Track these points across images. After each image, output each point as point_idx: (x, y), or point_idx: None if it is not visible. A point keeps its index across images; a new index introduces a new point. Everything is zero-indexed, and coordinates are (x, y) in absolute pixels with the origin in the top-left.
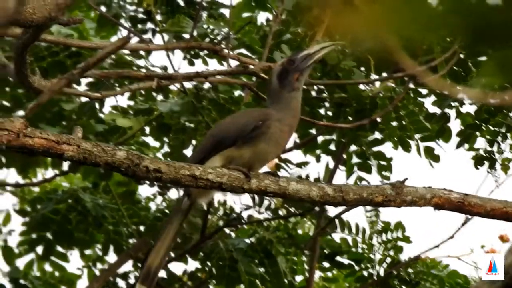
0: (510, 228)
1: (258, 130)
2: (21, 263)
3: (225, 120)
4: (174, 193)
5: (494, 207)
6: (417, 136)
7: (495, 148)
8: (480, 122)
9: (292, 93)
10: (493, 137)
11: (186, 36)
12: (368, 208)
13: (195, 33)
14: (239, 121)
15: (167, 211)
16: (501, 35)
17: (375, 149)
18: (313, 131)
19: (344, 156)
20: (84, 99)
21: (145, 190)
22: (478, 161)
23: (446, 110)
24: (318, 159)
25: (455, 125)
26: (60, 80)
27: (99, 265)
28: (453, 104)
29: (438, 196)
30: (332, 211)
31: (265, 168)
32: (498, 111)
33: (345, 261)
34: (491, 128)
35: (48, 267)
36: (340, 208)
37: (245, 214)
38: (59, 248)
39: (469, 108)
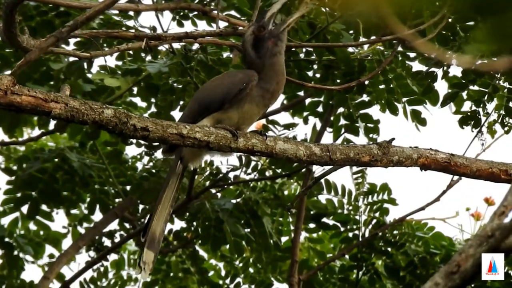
0: (496, 191)
1: (243, 93)
2: (5, 221)
3: (209, 83)
4: (160, 153)
5: (480, 167)
6: (404, 99)
7: (480, 109)
8: (467, 82)
9: (273, 59)
10: (479, 97)
11: None
12: (355, 169)
13: None
14: (224, 84)
15: (153, 171)
16: (491, 2)
17: (362, 111)
18: (301, 93)
19: (332, 118)
20: (72, 59)
21: (132, 150)
22: (464, 120)
23: (433, 69)
24: (305, 121)
25: (442, 89)
26: (48, 38)
27: (85, 224)
28: (439, 64)
29: (425, 156)
30: (319, 172)
31: (252, 129)
32: (484, 72)
33: (331, 222)
34: (477, 88)
35: (32, 226)
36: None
37: (231, 175)
38: (44, 207)
39: (456, 70)
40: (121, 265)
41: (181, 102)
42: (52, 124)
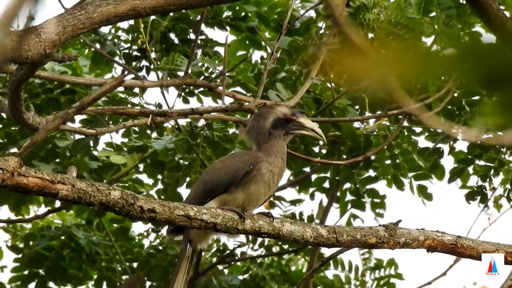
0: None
1: (250, 175)
2: None
3: (215, 165)
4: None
5: (486, 249)
6: (410, 174)
7: (487, 184)
8: (473, 157)
9: (280, 141)
10: (485, 172)
11: (181, 74)
12: None
13: (189, 71)
14: (230, 167)
15: (160, 247)
16: (496, 75)
17: (368, 186)
18: (307, 169)
19: (338, 193)
20: (78, 136)
21: (138, 227)
22: (470, 196)
23: (439, 145)
24: (312, 196)
25: (448, 163)
26: (55, 119)
27: None
28: (446, 139)
29: (431, 238)
30: (326, 249)
31: (260, 208)
32: (491, 146)
33: None
34: (483, 163)
35: None
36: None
37: (238, 251)
38: (51, 285)
39: (462, 145)
40: None
41: (188, 179)
42: (58, 202)
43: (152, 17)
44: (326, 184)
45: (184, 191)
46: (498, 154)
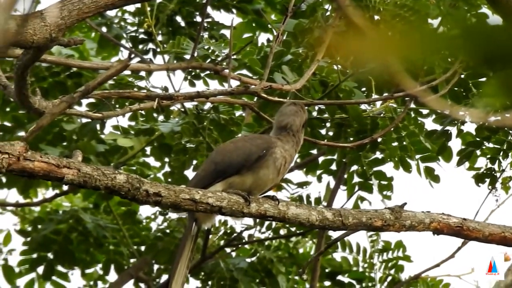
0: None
1: (262, 159)
2: (22, 282)
3: (227, 147)
4: (174, 213)
5: (492, 231)
6: (417, 156)
7: (496, 166)
8: (481, 140)
9: (301, 135)
10: (494, 155)
11: (187, 57)
12: None
13: (196, 54)
14: (243, 150)
15: (167, 230)
16: (502, 56)
17: (376, 168)
18: (314, 152)
19: (345, 176)
20: (85, 120)
21: (146, 210)
22: (479, 178)
23: (447, 128)
24: (319, 179)
25: (456, 145)
26: (60, 103)
27: (100, 284)
28: (454, 122)
29: (437, 221)
30: (333, 232)
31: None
32: (499, 128)
33: (346, 280)
34: (492, 145)
35: (49, 286)
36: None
37: (246, 234)
38: (60, 268)
39: (470, 127)
40: None
41: (194, 162)
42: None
43: (158, 0)
44: (333, 167)
45: (190, 174)
46: (507, 136)
